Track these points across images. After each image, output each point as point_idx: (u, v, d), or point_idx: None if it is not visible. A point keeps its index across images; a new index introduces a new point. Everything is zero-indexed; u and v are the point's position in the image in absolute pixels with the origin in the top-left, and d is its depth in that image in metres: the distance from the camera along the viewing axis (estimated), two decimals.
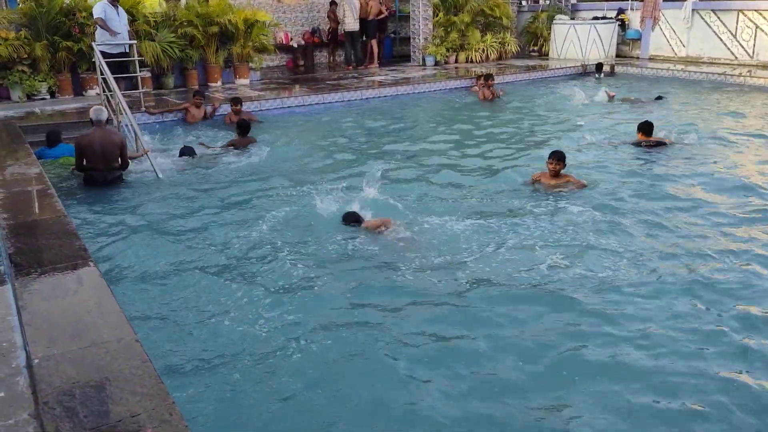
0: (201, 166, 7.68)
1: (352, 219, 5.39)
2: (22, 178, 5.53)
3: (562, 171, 6.48)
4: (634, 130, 8.42)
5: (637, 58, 16.28)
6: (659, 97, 11.52)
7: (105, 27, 9.55)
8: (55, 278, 3.41)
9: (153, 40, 11.29)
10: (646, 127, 8.18)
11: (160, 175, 7.18)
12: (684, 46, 15.54)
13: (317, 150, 8.60)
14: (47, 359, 2.63)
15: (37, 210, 4.65)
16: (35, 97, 10.61)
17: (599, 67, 14.73)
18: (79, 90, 11.10)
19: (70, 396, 2.39)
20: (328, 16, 16.43)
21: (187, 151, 7.95)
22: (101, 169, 6.81)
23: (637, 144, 8.20)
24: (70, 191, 6.73)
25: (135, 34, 10.76)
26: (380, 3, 15.79)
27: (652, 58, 16.00)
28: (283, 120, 10.36)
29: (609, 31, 16.24)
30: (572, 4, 17.89)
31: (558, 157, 6.39)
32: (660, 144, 8.12)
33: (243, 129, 8.52)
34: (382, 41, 16.43)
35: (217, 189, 6.83)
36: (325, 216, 5.68)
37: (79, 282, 3.35)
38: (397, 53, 17.76)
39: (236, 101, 9.81)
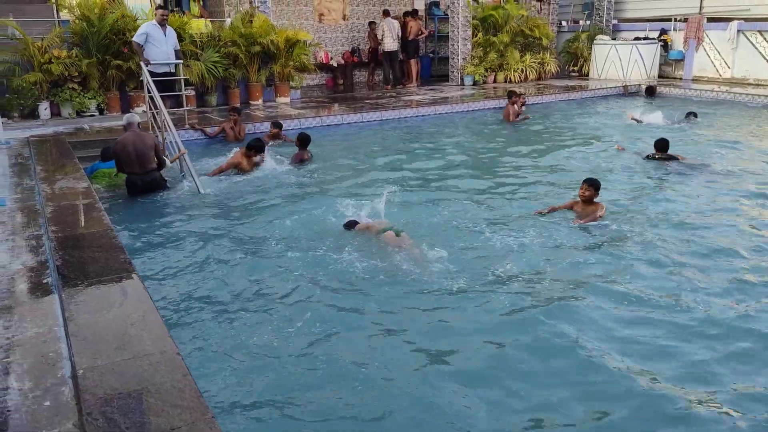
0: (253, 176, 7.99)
1: (351, 225, 5.73)
2: (70, 192, 5.70)
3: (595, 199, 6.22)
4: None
5: (681, 79, 16.02)
6: (692, 114, 11.25)
7: (139, 52, 9.70)
8: (101, 290, 3.50)
9: (198, 60, 11.59)
10: (659, 144, 8.39)
11: (202, 191, 7.34)
12: (729, 67, 15.22)
13: (353, 168, 8.66)
14: (92, 370, 2.69)
15: (84, 223, 4.79)
16: (84, 114, 10.97)
17: (651, 90, 14.50)
18: (126, 107, 11.43)
19: (113, 407, 2.44)
20: (368, 36, 16.64)
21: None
22: (138, 172, 7.04)
23: (650, 157, 8.42)
24: (116, 205, 6.91)
25: (182, 53, 11.06)
26: (420, 23, 15.95)
27: (695, 79, 15.72)
28: (322, 138, 10.47)
29: (651, 52, 16.03)
30: (613, 25, 17.74)
31: (590, 183, 6.18)
32: (671, 158, 8.26)
33: (303, 142, 8.75)
34: (418, 61, 16.53)
35: (258, 205, 6.93)
36: (356, 234, 5.74)
37: (124, 294, 3.43)
38: (435, 73, 17.85)
39: (277, 125, 9.91)
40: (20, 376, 2.76)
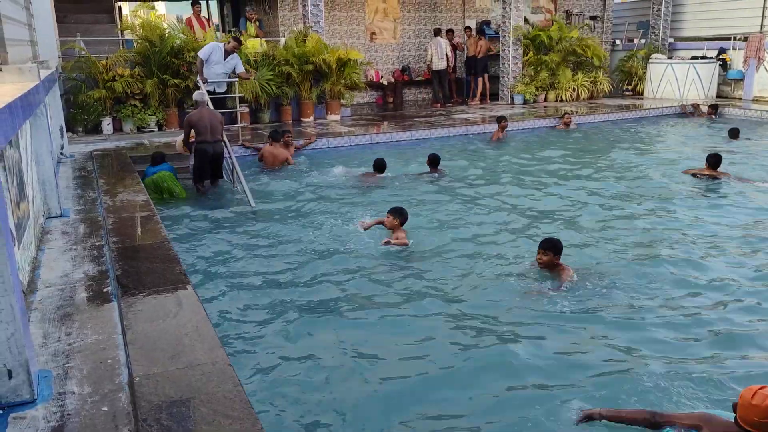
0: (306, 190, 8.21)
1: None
2: (130, 205, 5.91)
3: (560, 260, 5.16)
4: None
5: (740, 99, 15.53)
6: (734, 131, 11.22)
7: (200, 68, 10.20)
8: (158, 300, 3.61)
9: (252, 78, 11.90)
10: (712, 160, 8.43)
11: (253, 204, 7.55)
12: None
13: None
14: (147, 378, 2.77)
15: (143, 235, 4.96)
16: (144, 130, 11.39)
17: (713, 107, 14.10)
18: (183, 124, 11.80)
19: (167, 415, 2.51)
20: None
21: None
22: (210, 141, 8.04)
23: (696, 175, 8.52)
24: (172, 218, 7.12)
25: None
26: (489, 42, 16.02)
27: (756, 100, 15.22)
28: (370, 153, 10.54)
29: (709, 71, 15.62)
30: (670, 44, 17.38)
31: (546, 246, 5.09)
32: (713, 177, 8.31)
33: (434, 163, 8.97)
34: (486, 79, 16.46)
35: (310, 219, 7.04)
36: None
37: (179, 305, 3.52)
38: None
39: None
40: (80, 381, 2.86)
